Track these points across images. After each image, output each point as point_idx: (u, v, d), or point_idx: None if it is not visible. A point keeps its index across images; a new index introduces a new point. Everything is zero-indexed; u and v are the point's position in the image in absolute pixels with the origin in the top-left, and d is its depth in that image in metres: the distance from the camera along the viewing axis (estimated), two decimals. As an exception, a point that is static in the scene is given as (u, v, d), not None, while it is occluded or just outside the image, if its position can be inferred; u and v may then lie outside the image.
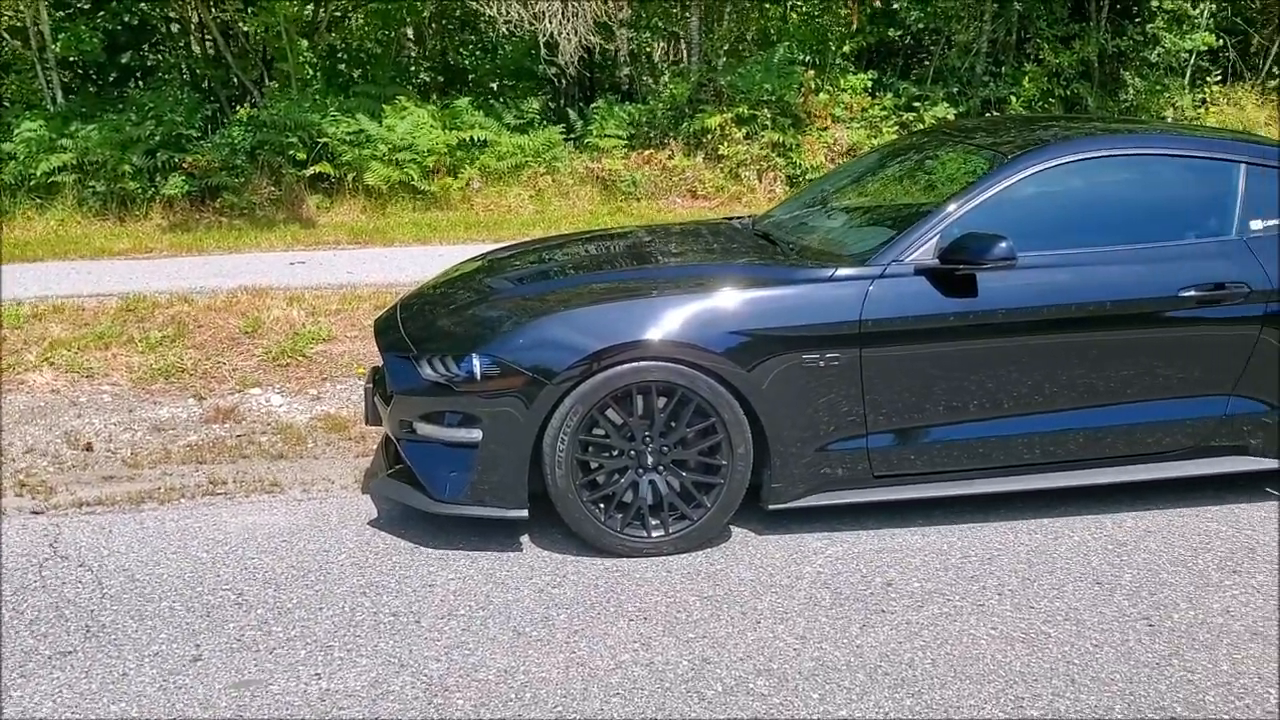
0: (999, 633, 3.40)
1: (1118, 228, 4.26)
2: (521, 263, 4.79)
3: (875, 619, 3.51)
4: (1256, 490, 4.47)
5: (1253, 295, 4.12)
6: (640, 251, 4.76)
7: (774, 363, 3.93)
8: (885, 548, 4.05)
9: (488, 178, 11.02)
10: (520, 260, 4.85)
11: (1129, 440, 4.20)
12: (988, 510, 4.30)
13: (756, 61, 11.63)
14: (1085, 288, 4.09)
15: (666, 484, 4.01)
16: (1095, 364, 4.12)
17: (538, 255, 4.92)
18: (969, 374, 4.07)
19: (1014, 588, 3.71)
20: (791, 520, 4.23)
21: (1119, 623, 3.45)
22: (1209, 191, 4.34)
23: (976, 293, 4.03)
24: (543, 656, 3.34)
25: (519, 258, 4.91)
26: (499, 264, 4.82)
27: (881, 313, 3.98)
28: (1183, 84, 12.47)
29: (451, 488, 4.02)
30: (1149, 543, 4.03)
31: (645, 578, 3.85)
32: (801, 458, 4.04)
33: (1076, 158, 4.27)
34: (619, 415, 3.94)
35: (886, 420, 4.07)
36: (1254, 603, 3.56)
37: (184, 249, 9.53)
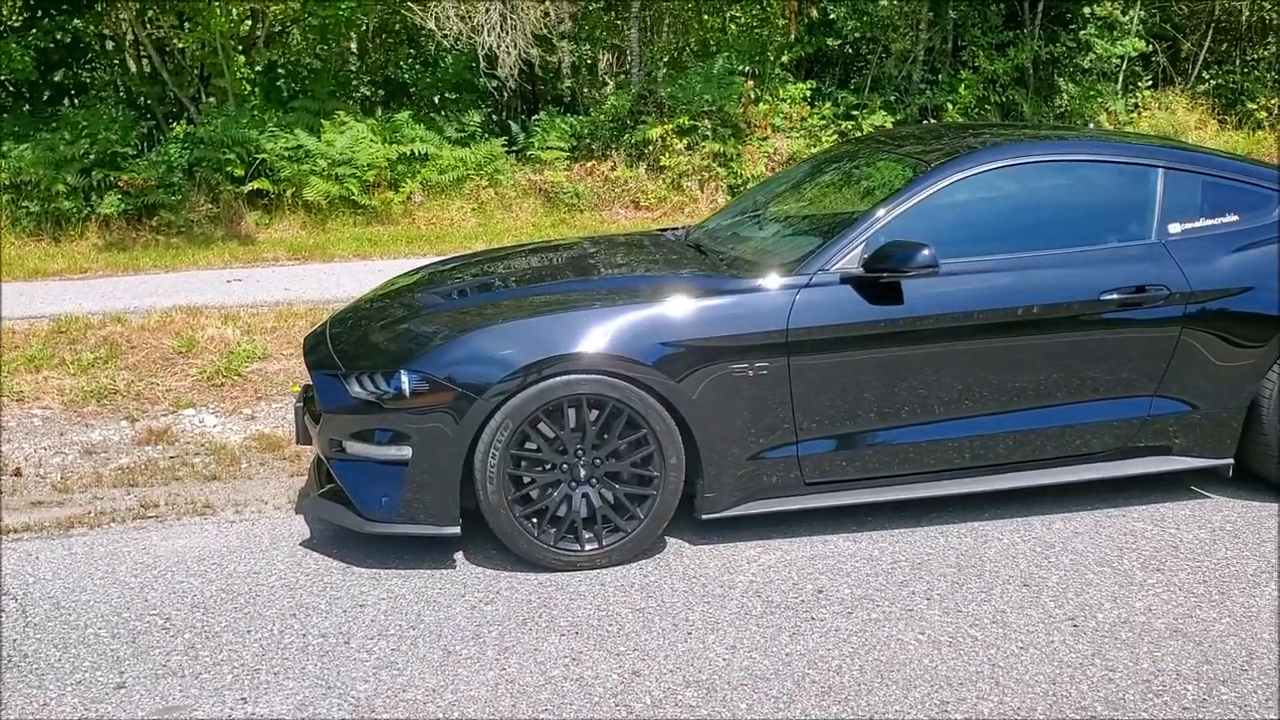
0: (926, 637, 3.43)
1: (1041, 233, 4.33)
2: (454, 277, 4.77)
3: (805, 627, 3.53)
4: (1182, 489, 4.55)
5: (1172, 297, 4.20)
6: (573, 264, 4.77)
7: (703, 373, 3.95)
8: (818, 554, 4.08)
9: (429, 191, 10.98)
10: (454, 274, 4.83)
11: (1057, 442, 4.26)
12: (920, 515, 4.34)
13: (697, 72, 11.69)
14: (1010, 292, 4.14)
15: (599, 496, 4.00)
16: (1021, 368, 4.18)
17: (471, 269, 4.91)
18: (898, 380, 4.11)
19: (943, 592, 3.74)
20: (726, 529, 4.24)
21: (1044, 624, 3.50)
22: (1130, 196, 4.42)
23: (903, 300, 4.07)
24: (472, 674, 3.32)
25: (453, 272, 4.90)
26: (432, 278, 4.80)
27: (808, 321, 4.01)
28: (1116, 89, 12.70)
29: (383, 506, 3.99)
30: (1076, 544, 4.09)
31: (579, 591, 3.84)
32: (733, 467, 4.05)
33: (999, 164, 4.34)
34: (551, 429, 3.93)
35: (816, 428, 4.09)
36: (1176, 600, 3.62)
37: (120, 268, 9.41)
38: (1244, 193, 4.44)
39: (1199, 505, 4.41)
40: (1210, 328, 4.24)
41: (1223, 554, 3.96)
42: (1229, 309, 4.25)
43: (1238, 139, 12.74)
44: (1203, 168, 4.46)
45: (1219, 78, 13.63)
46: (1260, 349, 4.25)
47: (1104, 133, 5.53)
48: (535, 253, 5.09)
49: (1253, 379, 4.29)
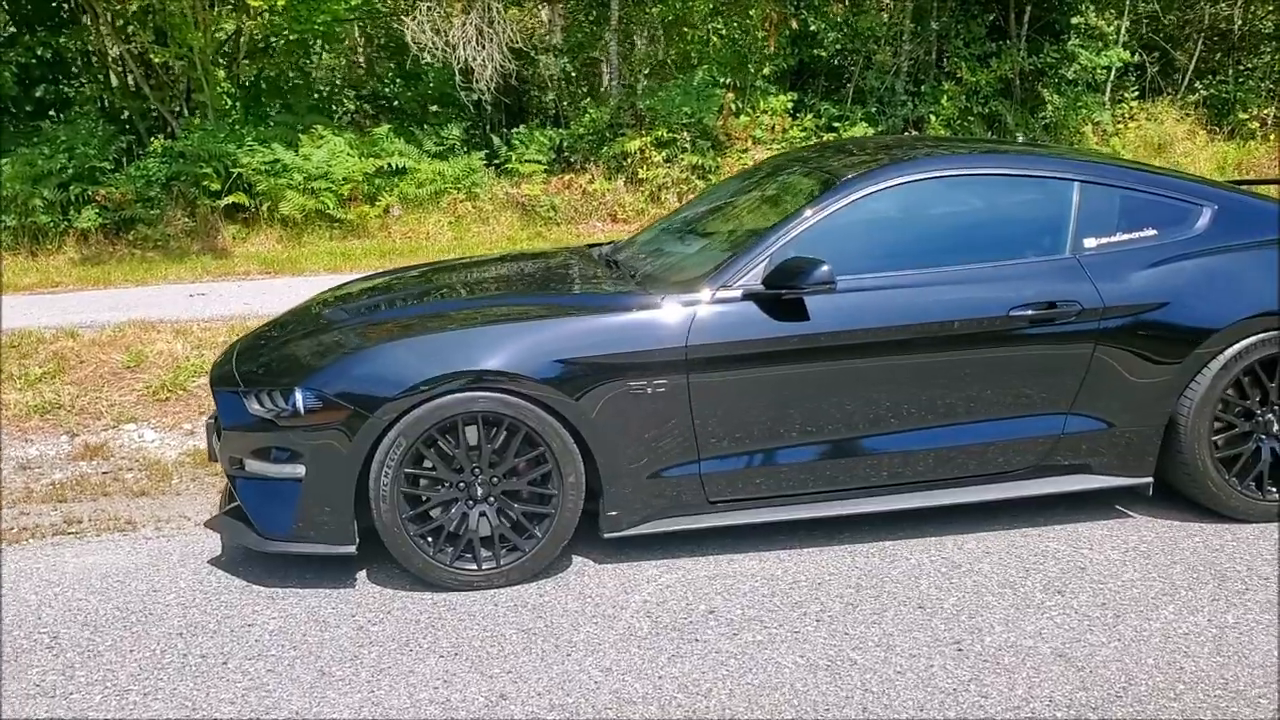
0: (805, 661, 3.37)
1: (952, 248, 4.26)
2: (366, 293, 4.75)
3: (686, 649, 3.48)
4: (1107, 508, 4.47)
5: (1085, 313, 4.12)
6: (483, 281, 4.73)
7: (602, 391, 3.90)
8: (719, 574, 4.02)
9: (407, 205, 10.98)
10: (367, 291, 4.81)
11: (970, 460, 4.19)
12: (833, 533, 4.28)
13: (676, 85, 11.66)
14: (916, 309, 4.08)
15: (497, 515, 3.96)
16: (931, 385, 4.12)
17: (385, 285, 4.89)
18: (803, 398, 4.05)
19: (835, 613, 3.68)
20: (632, 547, 4.19)
21: (929, 648, 3.43)
22: (1045, 210, 4.35)
23: (808, 316, 4.02)
24: (339, 697, 3.28)
25: (368, 288, 4.87)
26: (343, 295, 4.78)
27: (708, 338, 3.96)
28: (1102, 100, 12.59)
29: (279, 524, 3.97)
30: (983, 564, 4.01)
31: (470, 611, 3.80)
32: (634, 485, 4.01)
33: (909, 179, 4.28)
34: (446, 447, 3.89)
35: (719, 446, 4.04)
36: (1068, 624, 3.55)
37: (92, 282, 9.45)
38: (1164, 207, 4.37)
39: (1119, 525, 4.32)
40: (1125, 344, 4.16)
41: (1129, 575, 3.88)
42: (1144, 325, 4.17)
43: (1228, 150, 12.60)
44: (1122, 181, 4.39)
45: (1212, 88, 13.49)
46: (1177, 365, 4.17)
47: (1025, 147, 5.45)
48: (451, 269, 5.06)
49: (1170, 396, 4.20)
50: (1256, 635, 3.42)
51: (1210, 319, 4.16)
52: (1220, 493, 4.26)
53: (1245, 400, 4.26)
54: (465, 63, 10.60)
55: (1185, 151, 12.26)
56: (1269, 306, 4.19)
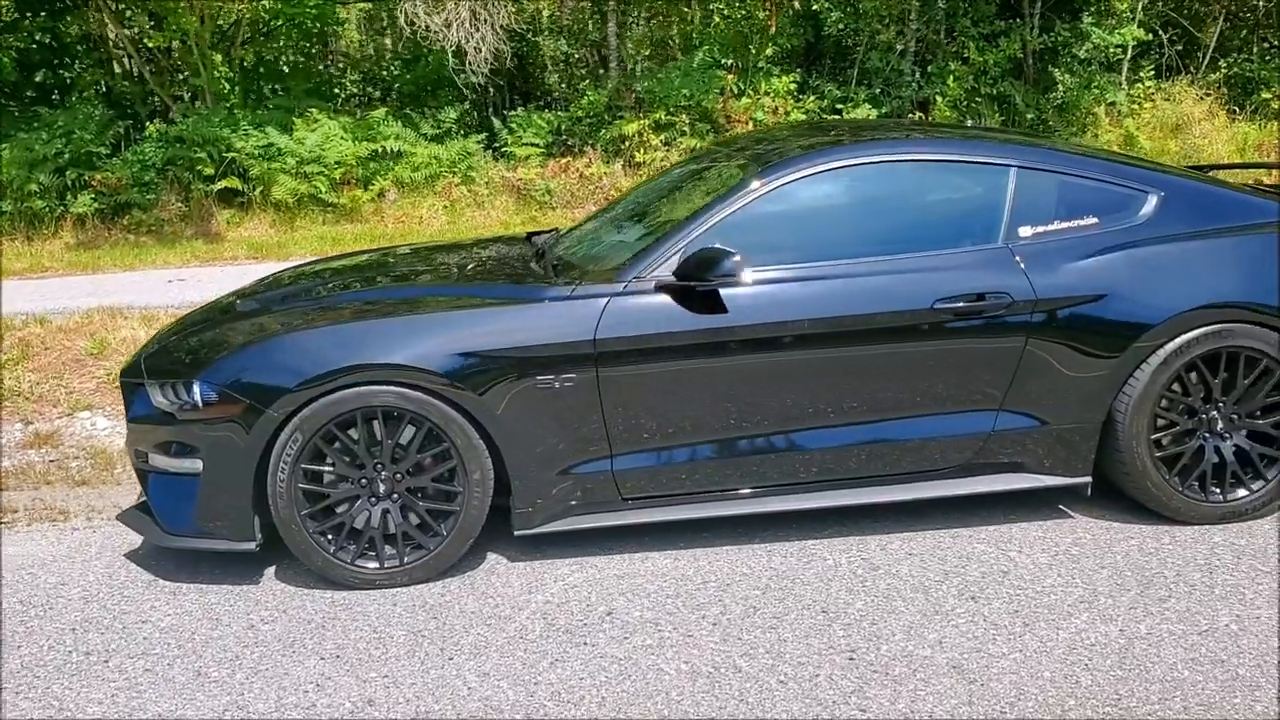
0: (689, 667, 3.25)
1: (879, 238, 4.09)
2: (283, 283, 4.66)
3: (572, 653, 3.37)
4: (1048, 507, 4.30)
5: (1015, 306, 3.94)
6: (402, 271, 4.63)
7: (508, 385, 3.79)
8: (630, 573, 3.91)
9: (402, 189, 10.91)
10: (285, 280, 4.72)
11: (896, 458, 4.04)
12: (755, 531, 4.15)
13: (676, 67, 11.48)
14: (836, 301, 3.92)
15: (400, 512, 3.87)
16: (853, 380, 3.96)
17: (304, 274, 4.80)
18: (720, 392, 3.92)
19: (734, 617, 3.55)
20: (549, 544, 4.09)
21: (820, 656, 3.29)
22: (978, 198, 4.16)
23: (723, 308, 3.87)
24: (207, 699, 3.21)
25: (288, 278, 4.79)
26: (264, 285, 4.70)
27: (618, 331, 3.83)
28: (1118, 80, 12.23)
29: (181, 520, 3.91)
30: (902, 567, 3.86)
31: (365, 611, 3.72)
32: (545, 482, 3.90)
33: (831, 166, 4.11)
34: (346, 442, 3.80)
35: (632, 441, 3.92)
36: (973, 633, 3.39)
37: (81, 268, 9.47)
38: (1107, 194, 4.17)
39: (1055, 526, 4.15)
40: (1059, 338, 3.98)
41: (1051, 581, 3.72)
42: (1080, 318, 3.98)
43: (1248, 131, 12.20)
44: (1062, 167, 4.19)
45: (1236, 66, 13.06)
46: (1114, 361, 3.98)
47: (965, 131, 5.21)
48: (378, 258, 4.97)
49: (1107, 393, 4.01)
50: (1165, 647, 3.25)
51: (1149, 312, 3.97)
52: (1160, 493, 4.08)
53: (1187, 397, 4.06)
54: (459, 44, 10.48)
55: (1203, 133, 11.88)
56: (1213, 299, 3.99)
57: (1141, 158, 5.14)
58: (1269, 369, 4.04)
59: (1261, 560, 3.80)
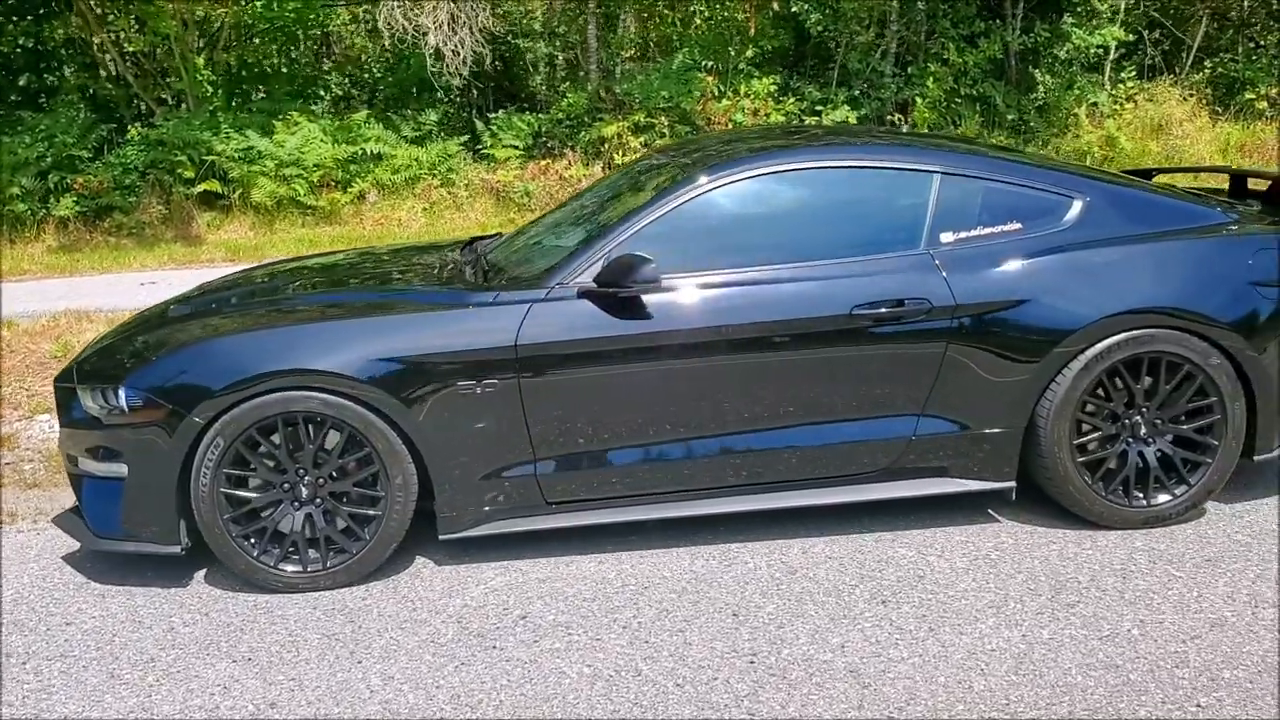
0: (590, 671, 3.28)
1: (801, 244, 4.12)
2: (220, 288, 4.71)
3: (479, 657, 3.40)
4: (977, 511, 4.31)
5: (935, 311, 3.96)
6: (335, 276, 4.68)
7: (429, 391, 3.83)
8: (553, 576, 3.94)
9: (383, 191, 10.96)
10: (222, 285, 4.77)
11: (818, 463, 4.06)
12: (681, 534, 4.18)
13: (656, 69, 11.51)
14: (756, 307, 3.95)
15: (323, 517, 3.91)
16: (774, 385, 3.99)
17: (244, 279, 4.85)
18: (641, 397, 3.95)
19: (646, 620, 3.58)
20: (477, 548, 4.13)
21: (722, 659, 3.32)
22: (901, 204, 4.19)
23: (644, 314, 3.91)
24: (115, 701, 3.25)
25: (227, 282, 4.83)
26: (202, 290, 4.75)
27: (539, 337, 3.87)
28: (1100, 80, 12.22)
29: (109, 523, 3.95)
30: (820, 570, 3.89)
31: (285, 615, 3.76)
32: (468, 487, 3.94)
33: (757, 173, 4.14)
34: (268, 447, 3.85)
35: (555, 446, 3.95)
36: (877, 638, 3.41)
37: (59, 270, 9.55)
38: (1031, 199, 4.18)
39: (979, 530, 4.17)
40: (980, 344, 4.00)
41: (964, 585, 3.74)
42: (1000, 323, 4.00)
43: (1232, 131, 12.17)
44: (987, 173, 4.21)
45: (1221, 66, 13.03)
46: (1035, 366, 3.99)
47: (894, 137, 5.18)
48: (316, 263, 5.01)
49: (1029, 398, 4.03)
50: (1063, 652, 3.27)
51: (1070, 318, 3.98)
52: (1084, 498, 4.10)
53: (1110, 403, 4.07)
54: (437, 47, 10.52)
55: (1185, 134, 11.86)
56: (1134, 305, 4.00)
57: (1071, 163, 5.15)
58: (1191, 374, 4.05)
59: (1176, 565, 3.82)
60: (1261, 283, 4.11)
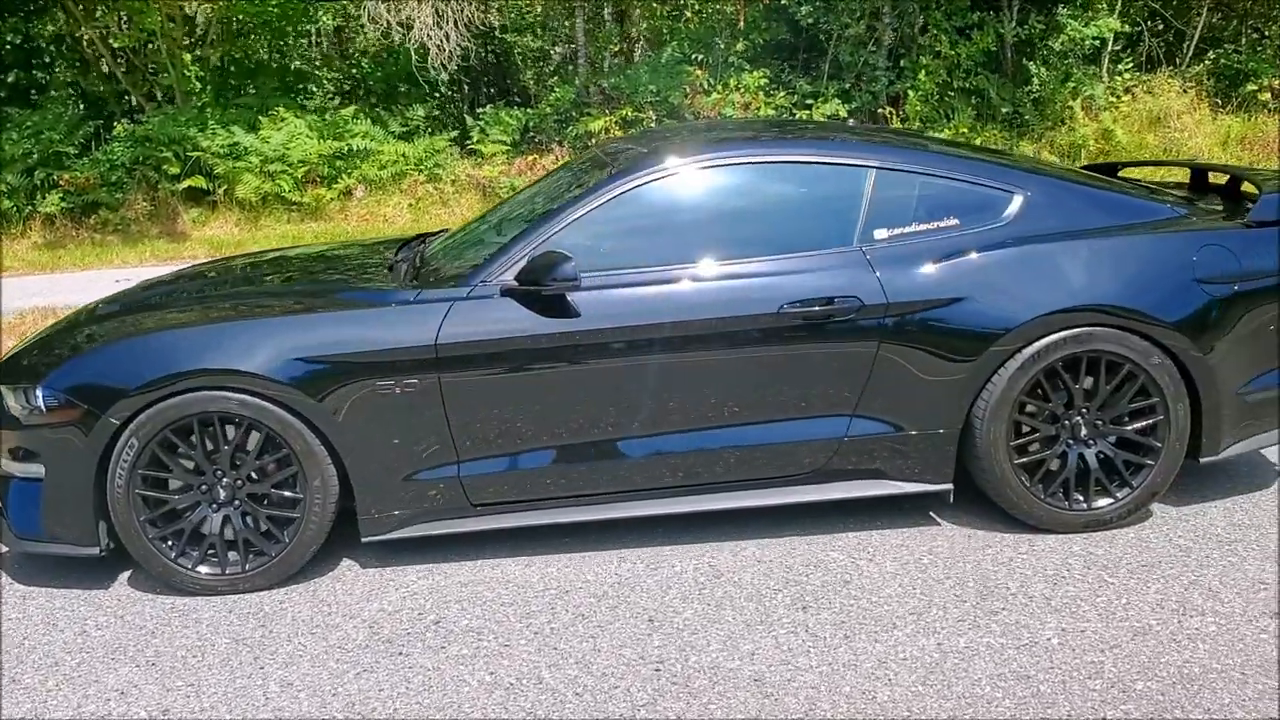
0: (491, 679, 3.21)
1: (731, 241, 4.03)
2: (152, 286, 4.67)
3: (383, 663, 3.34)
4: (919, 513, 4.22)
5: (866, 309, 3.87)
6: (271, 274, 4.62)
7: (347, 391, 3.77)
8: (476, 579, 3.88)
9: (370, 187, 10.92)
10: (155, 284, 4.73)
11: (748, 464, 3.98)
12: (615, 536, 4.10)
13: (644, 63, 11.41)
14: (682, 305, 3.87)
15: (241, 519, 3.86)
16: (702, 385, 3.91)
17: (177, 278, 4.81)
18: (566, 397, 3.88)
19: (560, 626, 3.51)
20: (406, 550, 4.08)
21: (628, 667, 3.24)
22: (834, 200, 4.09)
23: (570, 313, 3.83)
24: (11, 706, 3.21)
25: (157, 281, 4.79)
26: (136, 289, 4.71)
27: (460, 336, 3.80)
28: (1098, 72, 12.04)
29: (30, 524, 3.91)
30: (746, 574, 3.81)
31: (199, 618, 3.71)
32: (390, 489, 3.88)
33: (685, 168, 4.05)
34: (184, 448, 3.80)
35: (479, 447, 3.88)
36: (790, 644, 3.33)
37: (41, 267, 9.56)
38: (970, 194, 4.08)
39: (918, 533, 4.08)
40: (913, 343, 3.90)
41: (890, 591, 3.65)
42: (934, 322, 3.90)
43: (1233, 124, 11.97)
44: (925, 168, 4.11)
45: (1224, 57, 12.81)
46: (970, 366, 3.89)
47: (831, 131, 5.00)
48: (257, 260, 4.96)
49: (964, 399, 3.93)
50: (977, 662, 3.18)
51: (1005, 316, 3.88)
52: (1022, 501, 4.00)
53: (1048, 404, 3.97)
54: (421, 43, 10.46)
55: (1183, 126, 11.66)
56: (1072, 303, 3.90)
57: (1019, 156, 5.02)
58: (1133, 374, 3.94)
59: (1110, 570, 3.72)
60: (1207, 280, 3.99)
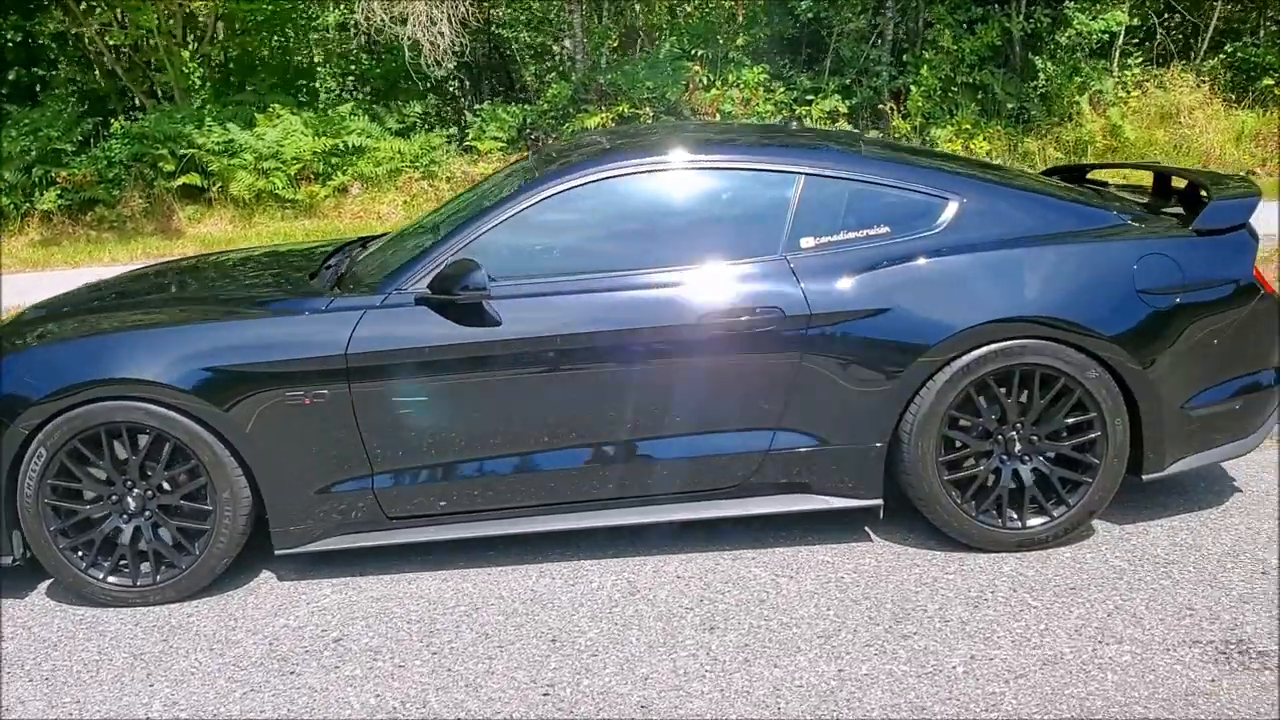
0: (375, 702, 3.14)
1: (657, 249, 3.92)
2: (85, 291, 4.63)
3: (272, 683, 3.28)
4: (854, 528, 4.11)
5: (788, 320, 3.75)
6: (195, 281, 4.57)
7: (256, 401, 3.71)
8: (389, 595, 3.81)
9: (365, 184, 10.90)
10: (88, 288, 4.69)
11: (669, 476, 3.87)
12: (538, 550, 4.02)
13: (642, 59, 11.30)
14: (600, 315, 3.77)
15: (152, 530, 3.81)
16: (621, 396, 3.81)
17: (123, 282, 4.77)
18: (481, 408, 3.79)
19: (462, 645, 3.43)
20: (325, 563, 4.02)
21: (517, 691, 3.16)
22: (761, 207, 3.98)
23: (484, 322, 3.75)
24: (-108, 723, 3.17)
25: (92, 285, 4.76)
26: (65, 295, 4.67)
27: (371, 346, 3.72)
28: (1108, 67, 11.78)
29: (-55, 532, 3.88)
30: (663, 591, 3.71)
31: (105, 630, 3.67)
32: (302, 501, 3.81)
33: (609, 174, 3.95)
34: (93, 458, 3.75)
35: (393, 459, 3.81)
36: (690, 669, 3.23)
37: (33, 265, 9.60)
38: (902, 201, 3.95)
39: (847, 550, 3.97)
40: (837, 354, 3.78)
41: (803, 611, 3.54)
42: (857, 333, 3.78)
43: (1246, 119, 11.67)
44: (857, 174, 3.98)
45: (1241, 50, 12.50)
46: (896, 378, 3.77)
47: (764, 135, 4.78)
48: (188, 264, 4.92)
49: (891, 413, 3.81)
50: (874, 690, 3.07)
51: (931, 328, 3.75)
52: (953, 519, 3.87)
53: (979, 418, 3.84)
54: (415, 40, 10.41)
55: (1194, 122, 11.38)
56: (1000, 314, 3.76)
57: (964, 161, 4.85)
58: (1068, 388, 3.80)
59: (1035, 593, 3.59)
60: (1148, 290, 3.84)
